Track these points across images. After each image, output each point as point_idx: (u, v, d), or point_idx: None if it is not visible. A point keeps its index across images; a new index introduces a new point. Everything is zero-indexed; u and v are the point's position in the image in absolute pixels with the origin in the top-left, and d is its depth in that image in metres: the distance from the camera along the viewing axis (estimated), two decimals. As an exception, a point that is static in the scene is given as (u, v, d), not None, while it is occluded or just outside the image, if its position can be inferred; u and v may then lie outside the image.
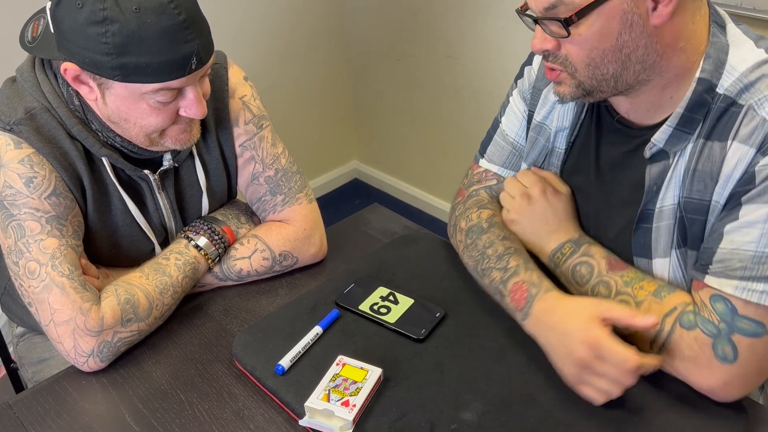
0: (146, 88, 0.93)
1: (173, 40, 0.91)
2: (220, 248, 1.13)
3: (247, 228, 1.20)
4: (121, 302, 0.99)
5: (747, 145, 0.82)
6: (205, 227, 1.13)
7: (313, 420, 0.87)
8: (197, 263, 1.09)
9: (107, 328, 0.98)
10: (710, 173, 0.86)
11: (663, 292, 0.92)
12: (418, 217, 2.77)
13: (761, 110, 0.82)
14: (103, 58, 0.90)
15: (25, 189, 0.98)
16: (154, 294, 1.01)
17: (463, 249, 1.10)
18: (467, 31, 2.30)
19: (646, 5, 0.82)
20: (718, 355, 0.85)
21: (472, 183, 1.16)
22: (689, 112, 0.87)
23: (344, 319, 1.04)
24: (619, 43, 0.85)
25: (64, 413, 0.94)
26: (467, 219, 1.11)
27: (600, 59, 0.86)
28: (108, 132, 1.03)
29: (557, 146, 1.07)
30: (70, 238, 0.99)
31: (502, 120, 1.13)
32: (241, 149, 1.18)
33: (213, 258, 1.11)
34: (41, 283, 0.97)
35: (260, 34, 2.42)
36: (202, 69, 0.97)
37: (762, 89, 0.83)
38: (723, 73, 0.85)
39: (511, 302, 0.98)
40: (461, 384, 0.92)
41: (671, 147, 0.89)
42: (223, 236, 1.13)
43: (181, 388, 0.97)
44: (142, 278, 1.03)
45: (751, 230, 0.82)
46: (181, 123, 1.02)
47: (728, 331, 0.84)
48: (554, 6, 0.83)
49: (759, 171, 0.81)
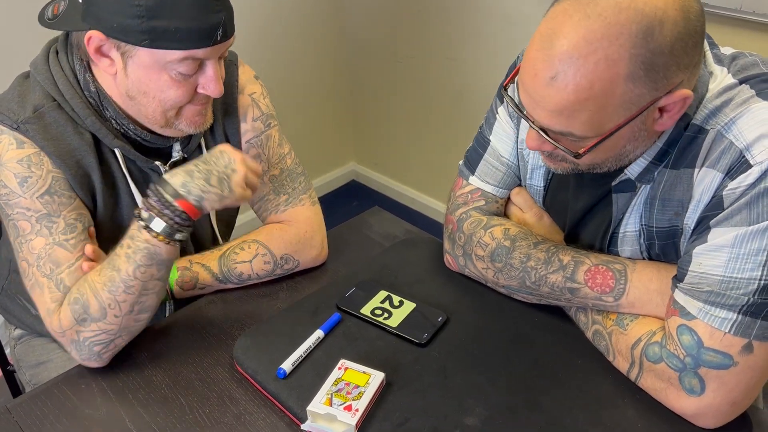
0: (171, 56, 0.95)
1: (203, 8, 0.93)
2: (174, 222, 0.94)
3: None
4: (71, 302, 0.97)
5: (715, 169, 0.82)
6: (155, 199, 0.95)
7: (315, 424, 0.87)
8: (152, 247, 0.94)
9: (67, 329, 0.98)
10: (680, 201, 0.87)
11: (625, 320, 0.93)
12: (416, 219, 2.76)
13: (729, 134, 0.81)
14: (132, 21, 0.92)
15: (18, 189, 0.98)
16: (102, 293, 0.95)
17: (495, 274, 1.05)
18: (468, 33, 2.30)
19: (654, 116, 0.81)
20: (685, 388, 0.85)
21: (458, 206, 1.11)
22: (666, 147, 0.86)
23: (346, 323, 1.04)
24: (623, 151, 0.85)
25: (63, 417, 0.94)
26: (481, 245, 1.06)
27: (602, 161, 0.87)
28: (122, 119, 1.04)
29: (535, 184, 1.07)
30: (59, 234, 0.99)
31: (492, 139, 1.08)
32: (247, 146, 1.19)
33: (168, 236, 0.94)
34: (30, 282, 1.00)
35: (258, 35, 2.41)
36: (225, 43, 0.99)
37: (728, 113, 0.82)
38: (700, 107, 0.84)
39: (592, 289, 0.95)
40: (464, 389, 0.92)
41: (641, 178, 0.89)
42: (174, 208, 0.94)
43: (182, 392, 0.96)
44: (95, 274, 0.98)
45: (719, 254, 0.81)
46: (197, 103, 1.03)
47: (694, 364, 0.83)
48: (563, 134, 0.82)
49: (727, 195, 0.81)
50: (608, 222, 0.96)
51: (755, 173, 0.78)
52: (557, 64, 0.76)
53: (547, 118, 0.80)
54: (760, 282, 0.79)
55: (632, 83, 0.75)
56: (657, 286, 0.91)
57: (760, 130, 0.79)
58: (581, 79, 0.75)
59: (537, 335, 1.01)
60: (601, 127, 0.79)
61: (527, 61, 0.80)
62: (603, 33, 0.74)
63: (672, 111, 0.80)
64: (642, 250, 0.95)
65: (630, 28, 0.73)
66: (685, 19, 0.75)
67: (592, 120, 0.78)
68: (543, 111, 0.80)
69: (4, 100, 1.02)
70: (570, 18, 0.75)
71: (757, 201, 0.78)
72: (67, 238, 1.00)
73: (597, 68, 0.75)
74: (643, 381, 0.90)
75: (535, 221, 1.08)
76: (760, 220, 0.78)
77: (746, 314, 0.80)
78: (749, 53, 0.88)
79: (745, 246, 0.79)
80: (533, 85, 0.79)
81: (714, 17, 1.66)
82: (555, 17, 0.77)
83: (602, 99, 0.76)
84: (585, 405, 0.89)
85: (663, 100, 0.78)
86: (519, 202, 1.10)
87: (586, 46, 0.74)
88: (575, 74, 0.75)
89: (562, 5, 0.77)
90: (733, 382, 0.82)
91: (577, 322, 1.01)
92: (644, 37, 0.73)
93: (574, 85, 0.76)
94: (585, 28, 0.74)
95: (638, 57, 0.74)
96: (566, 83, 0.76)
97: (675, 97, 0.78)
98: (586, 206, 0.99)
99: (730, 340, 0.81)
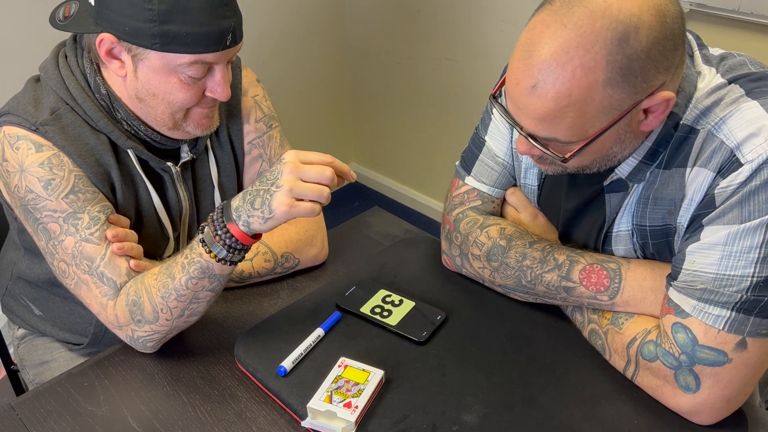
0: (181, 60, 0.96)
1: (214, 14, 0.95)
2: (224, 244, 0.92)
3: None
4: (129, 303, 0.99)
5: (707, 168, 0.83)
6: (216, 219, 0.93)
7: (316, 421, 0.88)
8: (205, 263, 0.93)
9: (124, 326, 1.00)
10: (672, 200, 0.88)
11: (620, 319, 0.94)
12: (416, 219, 2.77)
13: (719, 134, 0.82)
14: (145, 25, 0.93)
15: (43, 192, 0.99)
16: (156, 298, 0.98)
17: (491, 274, 1.06)
18: (467, 34, 2.31)
19: (638, 117, 0.82)
20: (681, 385, 0.86)
21: (454, 206, 1.12)
22: (656, 146, 0.87)
23: (346, 322, 1.05)
24: (610, 153, 0.86)
25: (66, 415, 0.95)
26: (477, 245, 1.07)
27: (590, 163, 0.88)
28: (133, 120, 1.06)
29: (529, 183, 1.08)
30: (84, 230, 1.00)
31: (487, 139, 1.10)
32: (250, 147, 1.20)
33: (218, 256, 0.93)
34: (73, 281, 1.02)
35: (259, 35, 2.42)
36: (234, 48, 1.01)
37: (718, 113, 0.83)
38: (689, 106, 0.85)
39: (587, 288, 0.96)
40: (463, 386, 0.93)
41: (632, 178, 0.90)
42: (226, 230, 0.92)
43: (183, 389, 0.97)
44: (153, 277, 0.99)
45: (711, 252, 0.82)
46: (204, 106, 1.05)
47: (689, 362, 0.84)
48: (548, 139, 0.83)
49: (718, 194, 0.82)
50: (602, 221, 0.97)
51: (746, 171, 0.79)
52: (536, 74, 0.78)
53: (532, 125, 0.82)
54: (753, 279, 0.80)
55: (611, 89, 0.77)
56: (651, 284, 0.92)
57: (749, 129, 0.80)
58: (560, 87, 0.77)
59: (534, 333, 1.02)
60: (584, 132, 0.81)
61: (511, 71, 0.82)
62: (579, 42, 0.75)
63: (656, 112, 0.81)
64: (635, 249, 0.96)
65: (605, 35, 0.74)
66: (661, 24, 0.75)
67: (574, 125, 0.80)
68: (527, 118, 0.82)
69: (20, 104, 1.03)
70: (548, 28, 0.77)
71: (749, 199, 0.79)
72: (91, 232, 1.01)
73: (574, 76, 0.76)
74: (639, 379, 0.91)
75: (530, 221, 1.09)
76: (752, 217, 0.79)
77: (740, 311, 0.81)
78: (737, 53, 0.89)
79: (737, 244, 0.80)
80: (516, 93, 0.81)
81: (712, 18, 1.67)
82: (534, 27, 0.79)
83: (582, 105, 0.78)
84: (582, 402, 0.90)
85: (645, 102, 0.79)
86: (514, 202, 1.11)
87: (563, 54, 0.76)
88: (554, 83, 0.77)
89: (540, 15, 0.79)
90: (728, 379, 0.83)
91: (573, 321, 1.02)
92: (620, 44, 0.74)
93: (553, 93, 0.77)
94: (562, 38, 0.76)
95: (615, 63, 0.75)
96: (546, 91, 0.78)
97: (657, 99, 0.79)
98: (578, 205, 1.00)
99: (724, 337, 0.82)
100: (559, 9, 0.77)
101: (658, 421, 0.88)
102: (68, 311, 1.20)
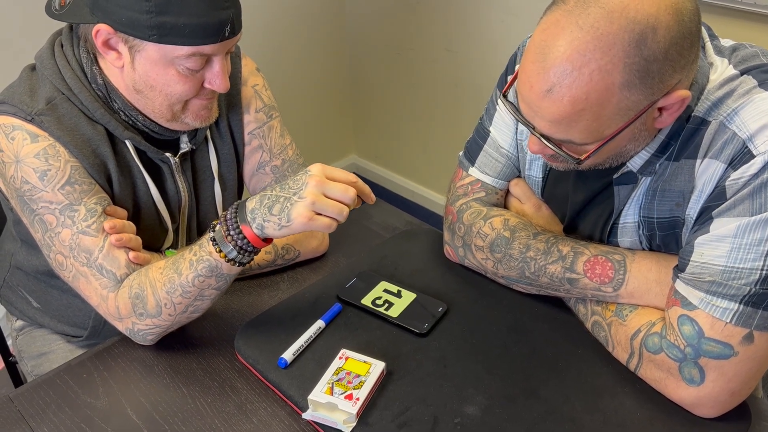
0: (179, 51, 0.95)
1: (212, 5, 0.94)
2: (236, 245, 0.91)
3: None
4: (132, 296, 0.98)
5: (718, 160, 0.82)
6: (229, 218, 0.92)
7: (317, 413, 0.87)
8: (214, 261, 0.92)
9: (124, 318, 0.99)
10: (681, 192, 0.87)
11: (625, 311, 0.94)
12: (416, 211, 2.77)
13: (731, 125, 0.81)
14: (141, 16, 0.92)
15: (39, 183, 0.98)
16: (161, 292, 0.96)
17: (494, 265, 1.05)
18: (467, 25, 2.30)
19: (653, 115, 0.81)
20: (685, 378, 0.85)
21: (458, 197, 1.11)
22: (668, 139, 0.86)
23: (347, 313, 1.04)
24: (624, 150, 0.86)
25: (65, 406, 0.94)
26: (481, 236, 1.06)
27: (603, 161, 0.88)
28: (130, 111, 1.05)
29: (533, 175, 1.07)
30: (80, 222, 0.99)
31: (492, 130, 1.09)
32: (250, 137, 1.19)
33: (228, 256, 0.92)
34: (70, 274, 1.01)
35: (260, 28, 2.41)
36: (232, 40, 0.99)
37: (730, 104, 0.82)
38: (701, 98, 0.84)
39: (591, 280, 0.96)
40: (464, 378, 0.93)
41: (643, 171, 0.90)
42: (238, 231, 0.91)
43: (183, 381, 0.97)
44: (158, 271, 0.98)
45: (721, 244, 0.82)
46: (202, 98, 1.04)
47: (694, 354, 0.84)
48: (563, 141, 0.82)
49: (729, 186, 0.81)
50: (609, 213, 0.96)
51: (758, 163, 0.79)
52: (552, 77, 0.76)
53: (546, 126, 0.81)
54: (762, 272, 0.79)
55: (628, 91, 0.75)
56: (656, 276, 0.92)
57: (763, 120, 0.79)
58: (576, 91, 0.76)
59: (536, 325, 1.01)
60: (600, 133, 0.80)
61: (523, 72, 0.80)
62: (595, 45, 0.73)
63: (671, 110, 0.80)
64: (641, 240, 0.95)
65: (622, 37, 0.73)
66: (678, 22, 0.74)
67: (590, 128, 0.79)
68: (542, 120, 0.81)
69: (15, 93, 1.02)
70: (563, 30, 0.75)
71: (760, 191, 0.79)
72: (88, 224, 1.00)
73: (591, 80, 0.75)
74: (643, 371, 0.91)
75: (533, 212, 1.08)
76: (763, 210, 0.79)
77: (748, 304, 0.80)
78: (749, 44, 0.88)
79: (747, 236, 0.80)
80: (531, 96, 0.80)
81: (715, 9, 1.66)
82: (547, 28, 0.77)
83: (599, 108, 0.77)
84: (583, 394, 0.90)
85: (661, 102, 0.78)
86: (517, 193, 1.10)
87: (580, 58, 0.74)
88: (570, 87, 0.76)
89: (554, 15, 0.77)
90: (733, 372, 0.83)
91: (576, 313, 1.02)
92: (637, 46, 0.73)
93: (569, 97, 0.76)
94: (578, 40, 0.74)
95: (632, 65, 0.74)
96: (562, 96, 0.76)
97: (673, 98, 0.78)
98: (587, 198, 0.99)
99: (731, 330, 0.81)
100: (573, 9, 0.75)
101: (661, 414, 0.87)
102: (66, 304, 1.19)
